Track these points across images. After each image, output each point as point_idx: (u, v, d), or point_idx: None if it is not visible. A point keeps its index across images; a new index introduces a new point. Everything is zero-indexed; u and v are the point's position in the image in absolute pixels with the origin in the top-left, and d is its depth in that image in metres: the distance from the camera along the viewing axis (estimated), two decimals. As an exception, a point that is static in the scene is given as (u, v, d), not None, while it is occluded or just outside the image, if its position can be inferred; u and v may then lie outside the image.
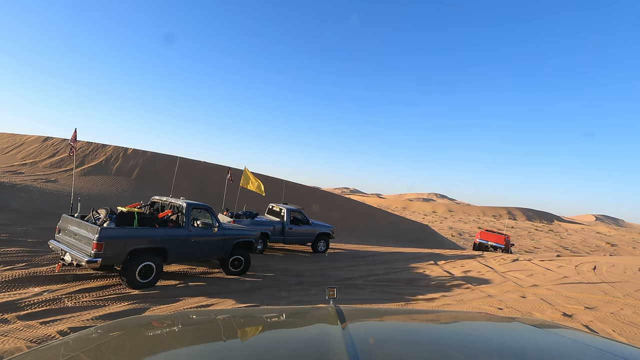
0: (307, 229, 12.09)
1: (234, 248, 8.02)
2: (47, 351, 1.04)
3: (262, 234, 10.54)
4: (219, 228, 7.67)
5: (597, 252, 49.08)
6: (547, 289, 7.87)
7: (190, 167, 20.96)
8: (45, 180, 15.35)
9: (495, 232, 22.57)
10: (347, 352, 0.88)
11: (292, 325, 1.47)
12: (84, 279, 6.49)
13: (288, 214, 11.76)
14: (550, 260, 14.02)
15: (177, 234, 7.04)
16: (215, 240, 7.67)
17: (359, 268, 10.15)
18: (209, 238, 7.58)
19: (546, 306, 6.45)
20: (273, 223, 11.52)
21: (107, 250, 5.93)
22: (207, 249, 7.65)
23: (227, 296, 6.47)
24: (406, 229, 28.00)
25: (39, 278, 6.20)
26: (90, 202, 13.85)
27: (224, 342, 1.19)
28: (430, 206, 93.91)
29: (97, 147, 20.16)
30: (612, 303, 6.80)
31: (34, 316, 4.72)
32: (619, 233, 76.62)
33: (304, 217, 12.22)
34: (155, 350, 1.09)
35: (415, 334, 1.32)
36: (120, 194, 16.07)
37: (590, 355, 1.01)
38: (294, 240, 12.03)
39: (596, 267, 11.64)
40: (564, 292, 7.64)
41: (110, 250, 5.99)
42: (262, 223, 11.20)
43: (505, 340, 1.26)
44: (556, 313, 6.01)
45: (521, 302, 6.77)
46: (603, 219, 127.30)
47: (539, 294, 7.38)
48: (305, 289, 7.38)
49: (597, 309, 6.38)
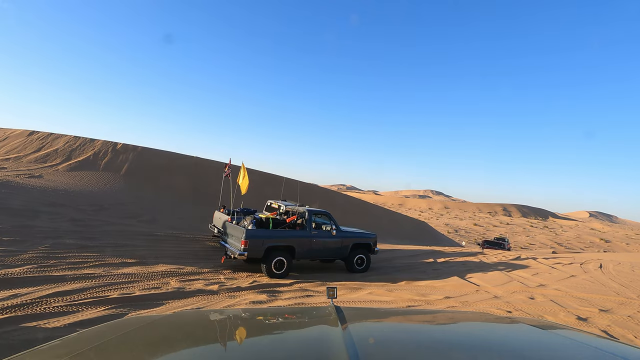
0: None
1: (353, 249, 9.14)
2: (47, 351, 1.03)
3: None
4: (337, 231, 8.94)
5: (592, 248, 49.33)
6: (555, 289, 7.46)
7: (188, 163, 20.36)
8: (29, 175, 14.68)
9: (494, 240, 25.80)
10: (347, 352, 0.87)
11: (292, 325, 1.44)
12: (58, 281, 5.96)
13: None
14: (554, 258, 13.68)
15: (302, 235, 8.50)
16: (334, 242, 8.95)
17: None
18: (329, 240, 8.88)
19: (558, 308, 6.03)
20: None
21: (251, 246, 7.67)
22: (327, 249, 8.92)
23: (215, 299, 5.98)
24: (404, 226, 27.65)
25: (12, 280, 5.70)
26: (76, 198, 13.25)
27: (224, 342, 1.19)
28: (426, 203, 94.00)
29: (85, 141, 19.45)
30: (627, 305, 6.41)
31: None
32: (612, 229, 77.31)
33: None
34: (155, 350, 1.09)
35: (415, 334, 1.32)
36: (108, 191, 15.44)
37: (592, 355, 1.01)
38: None
39: (602, 265, 11.30)
40: (574, 292, 7.23)
41: (253, 247, 7.70)
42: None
43: (506, 341, 1.25)
44: (570, 316, 5.59)
45: (530, 304, 6.35)
46: (597, 216, 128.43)
47: (547, 295, 6.97)
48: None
49: (613, 311, 5.97)
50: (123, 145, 19.59)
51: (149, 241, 10.11)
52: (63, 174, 16.06)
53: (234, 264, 8.83)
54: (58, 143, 19.06)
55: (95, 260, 7.48)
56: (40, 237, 8.45)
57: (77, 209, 12.36)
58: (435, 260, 12.07)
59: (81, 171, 16.79)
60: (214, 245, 11.15)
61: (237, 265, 8.68)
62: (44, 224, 9.63)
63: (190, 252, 9.76)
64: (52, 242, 8.18)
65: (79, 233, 9.47)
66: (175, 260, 8.59)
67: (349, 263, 9.18)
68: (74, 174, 16.41)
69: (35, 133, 20.04)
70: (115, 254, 8.20)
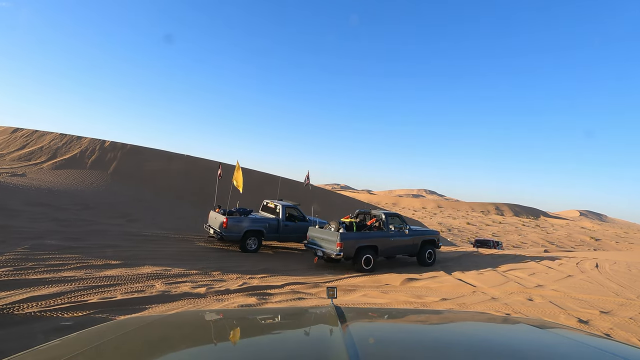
0: (304, 225, 11.57)
1: (422, 245, 10.35)
2: (47, 351, 1.02)
3: (257, 232, 10.58)
4: (409, 230, 10.12)
5: (582, 246, 49.79)
6: (553, 290, 7.30)
7: (180, 161, 19.90)
8: (12, 174, 14.16)
9: (484, 239, 27.14)
10: (347, 352, 0.87)
11: (292, 325, 1.44)
12: (35, 284, 5.61)
13: (284, 210, 11.24)
14: (548, 256, 13.59)
15: (383, 236, 9.69)
16: (408, 240, 10.12)
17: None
18: (403, 238, 10.04)
19: (558, 310, 5.85)
20: (268, 220, 11.00)
21: (345, 247, 8.92)
22: (402, 247, 10.10)
23: (202, 303, 5.67)
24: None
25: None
26: (60, 197, 12.80)
27: (224, 342, 1.18)
28: (419, 202, 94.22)
29: (72, 139, 18.89)
30: (628, 306, 6.25)
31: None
32: (602, 228, 78.25)
33: (300, 214, 11.67)
34: (155, 350, 1.08)
35: (415, 334, 1.31)
36: (94, 189, 14.97)
37: (592, 355, 1.00)
38: (290, 238, 11.55)
39: (598, 264, 11.20)
40: (573, 293, 7.07)
41: (347, 248, 8.96)
42: (257, 220, 10.78)
43: (506, 341, 1.24)
44: (570, 319, 5.40)
45: (529, 305, 6.17)
46: (587, 215, 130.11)
47: (546, 296, 6.79)
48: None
49: (613, 313, 5.80)
50: (111, 143, 19.05)
51: (135, 242, 9.75)
52: (48, 172, 15.55)
53: (221, 266, 8.55)
54: (43, 141, 18.49)
55: (76, 262, 7.12)
56: (20, 238, 8.06)
57: (61, 209, 11.93)
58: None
59: (67, 169, 16.27)
60: (205, 245, 10.82)
61: (226, 267, 8.38)
62: (24, 224, 9.22)
63: (179, 252, 9.42)
64: (31, 243, 7.79)
65: (61, 233, 9.08)
66: (162, 261, 8.26)
67: (420, 258, 10.36)
68: (59, 172, 15.88)
69: (19, 130, 19.41)
70: (98, 255, 7.84)
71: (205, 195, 17.41)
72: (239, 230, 10.30)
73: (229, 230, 10.09)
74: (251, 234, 10.52)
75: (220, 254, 9.98)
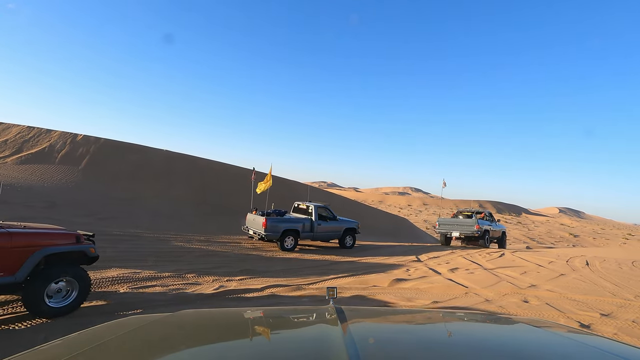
0: (334, 225, 12.23)
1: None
2: (47, 351, 1.00)
3: (293, 231, 11.17)
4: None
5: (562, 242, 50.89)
6: (548, 290, 6.98)
7: (158, 157, 18.94)
8: (-29, 168, 13.05)
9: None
10: (347, 353, 0.86)
11: (292, 325, 1.44)
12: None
13: (316, 210, 11.78)
14: (535, 252, 13.45)
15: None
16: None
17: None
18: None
19: (556, 313, 5.50)
20: (302, 220, 11.52)
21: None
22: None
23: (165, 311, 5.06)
24: (385, 223, 27.22)
25: None
26: (25, 194, 11.84)
27: (224, 342, 1.17)
28: (405, 200, 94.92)
29: (41, 132, 17.70)
30: (627, 308, 5.96)
31: None
32: (580, 224, 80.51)
33: (330, 213, 12.25)
34: (155, 350, 1.07)
35: (415, 334, 1.30)
36: (63, 186, 13.97)
37: (592, 355, 0.99)
38: (322, 237, 12.08)
39: (588, 262, 11.06)
40: (568, 293, 6.77)
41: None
42: (293, 220, 11.37)
43: (506, 341, 1.22)
44: (571, 322, 5.06)
45: (525, 308, 5.81)
46: (566, 212, 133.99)
47: (541, 297, 6.46)
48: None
49: (614, 316, 5.49)
50: (84, 137, 17.94)
51: (104, 242, 8.98)
52: (12, 167, 14.44)
53: (197, 267, 7.92)
54: (8, 133, 17.26)
55: (31, 265, 6.36)
56: (-32, 239, 7.21)
57: (25, 206, 11.03)
58: (418, 258, 11.53)
59: (33, 164, 15.16)
60: (182, 245, 10.14)
61: (203, 269, 7.76)
62: (-24, 223, 8.33)
63: (151, 253, 8.74)
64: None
65: (19, 233, 8.23)
66: (132, 263, 7.58)
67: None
68: (24, 167, 14.78)
69: (-18, 122, 18.08)
70: (58, 257, 7.08)
71: (185, 192, 16.62)
72: (278, 230, 10.84)
73: (268, 230, 10.63)
74: (288, 233, 11.05)
75: (198, 254, 9.33)
